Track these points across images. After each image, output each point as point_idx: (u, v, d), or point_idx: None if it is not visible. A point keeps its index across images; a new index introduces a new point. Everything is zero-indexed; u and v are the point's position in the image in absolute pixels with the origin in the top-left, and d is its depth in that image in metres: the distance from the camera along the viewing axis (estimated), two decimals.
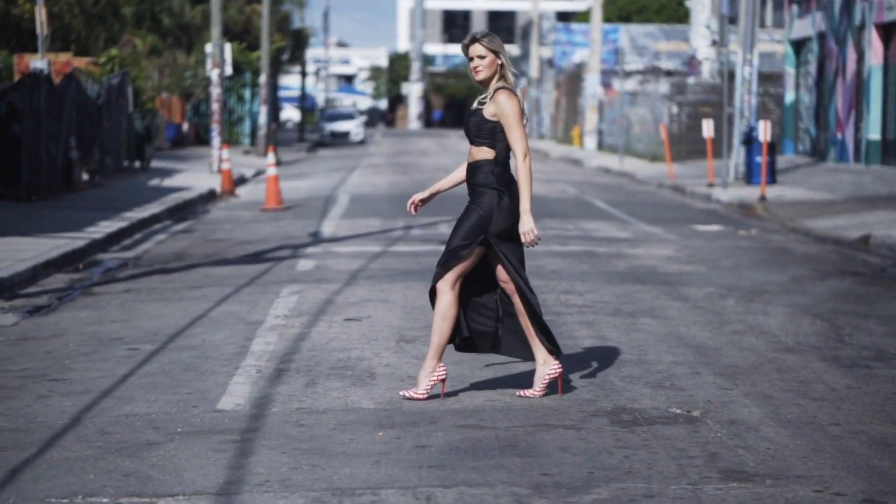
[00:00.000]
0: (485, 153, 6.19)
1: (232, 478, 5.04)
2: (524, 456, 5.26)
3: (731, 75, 23.85)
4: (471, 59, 6.24)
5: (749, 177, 23.00)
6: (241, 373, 7.01)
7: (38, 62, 23.97)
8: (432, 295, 6.29)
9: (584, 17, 64.18)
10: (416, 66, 77.10)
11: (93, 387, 6.73)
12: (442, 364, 6.33)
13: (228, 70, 27.10)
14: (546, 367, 6.28)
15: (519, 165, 6.14)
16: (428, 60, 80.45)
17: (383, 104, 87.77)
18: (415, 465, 5.17)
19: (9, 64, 28.60)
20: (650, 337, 8.00)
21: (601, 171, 31.43)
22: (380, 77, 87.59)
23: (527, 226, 6.12)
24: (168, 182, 23.21)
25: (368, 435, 5.66)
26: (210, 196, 21.12)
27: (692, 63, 33.70)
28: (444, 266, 6.22)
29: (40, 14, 24.65)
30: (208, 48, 27.07)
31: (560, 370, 6.29)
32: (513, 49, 71.58)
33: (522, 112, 6.20)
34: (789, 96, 31.99)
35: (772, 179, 22.47)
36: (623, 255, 12.65)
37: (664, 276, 11.09)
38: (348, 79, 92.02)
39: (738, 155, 24.00)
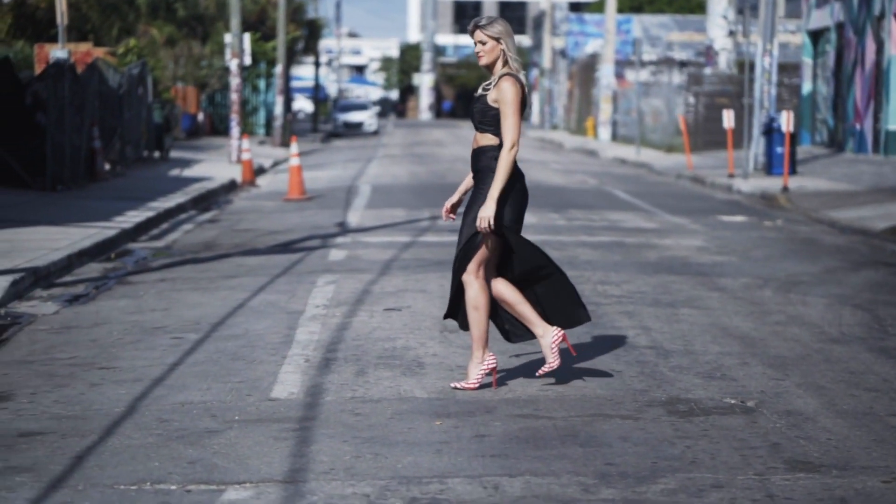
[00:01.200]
0: (489, 139, 6.17)
1: (296, 466, 5.06)
2: (585, 446, 5.28)
3: (751, 66, 23.81)
4: (476, 45, 6.26)
5: (769, 167, 22.95)
6: (289, 362, 7.03)
7: (58, 52, 24.02)
8: (457, 294, 6.24)
9: (595, 7, 64.05)
10: (427, 57, 77.04)
11: (143, 375, 6.76)
12: (491, 353, 6.34)
13: (248, 60, 27.12)
14: (548, 336, 6.22)
15: (503, 153, 6.08)
16: (439, 51, 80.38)
17: (394, 95, 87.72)
18: (477, 454, 5.19)
19: (27, 54, 28.64)
20: (693, 327, 8.00)
21: (617, 161, 31.40)
22: (391, 67, 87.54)
23: (487, 212, 6.06)
24: (188, 172, 23.24)
25: (426, 424, 5.68)
26: (231, 186, 21.15)
27: (709, 53, 33.59)
28: (463, 259, 6.20)
29: (60, 4, 24.68)
30: (227, 38, 27.10)
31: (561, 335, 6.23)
32: (524, 39, 71.48)
33: (524, 102, 6.14)
34: (806, 87, 31.91)
35: (792, 170, 22.43)
36: (653, 246, 12.65)
37: (697, 266, 11.09)
38: (359, 69, 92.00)
39: (757, 145, 23.96)
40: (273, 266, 11.12)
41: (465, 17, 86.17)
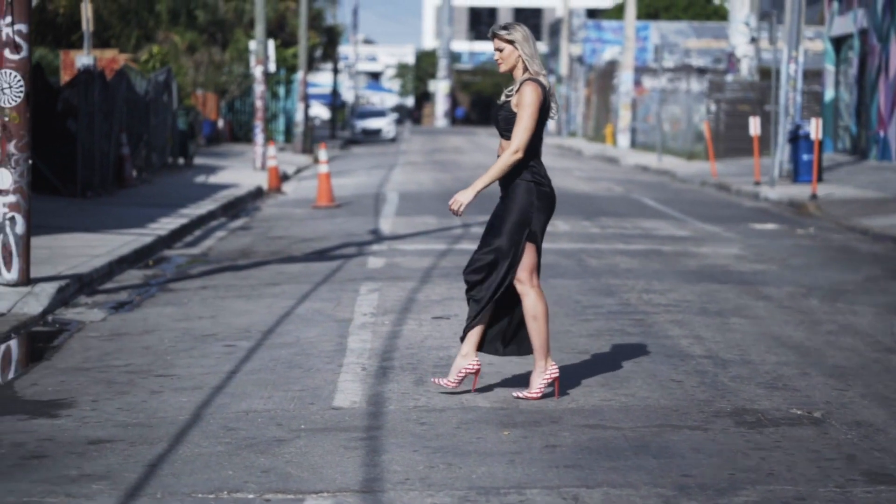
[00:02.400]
0: None
1: (371, 475, 5.05)
2: (658, 457, 5.26)
3: (768, 72, 23.75)
4: (495, 52, 6.25)
5: (795, 175, 22.89)
6: (346, 370, 7.03)
7: (84, 58, 24.10)
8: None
9: (611, 14, 64.04)
10: (443, 64, 77.10)
11: (202, 383, 6.76)
12: (553, 363, 6.33)
13: (272, 67, 27.17)
14: (465, 360, 6.22)
15: (506, 153, 6.03)
16: (454, 58, 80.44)
17: (410, 101, 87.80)
18: (550, 464, 5.17)
19: (50, 60, 28.72)
20: (746, 337, 7.98)
21: (639, 168, 31.35)
22: (406, 74, 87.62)
23: (464, 197, 6.06)
24: (214, 179, 23.28)
25: (494, 434, 5.67)
26: (258, 193, 21.17)
27: (731, 60, 33.54)
28: (506, 272, 6.09)
29: (86, 10, 24.77)
30: (252, 45, 27.15)
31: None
32: (541, 46, 71.46)
33: (546, 108, 6.06)
34: (829, 93, 31.83)
35: (819, 177, 22.36)
36: (691, 254, 12.62)
37: (739, 275, 11.06)
38: (375, 76, 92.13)
39: (782, 153, 23.91)
40: (313, 274, 11.12)
41: (480, 24, 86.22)
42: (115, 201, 17.46)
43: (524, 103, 6.00)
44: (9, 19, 9.36)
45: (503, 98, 6.17)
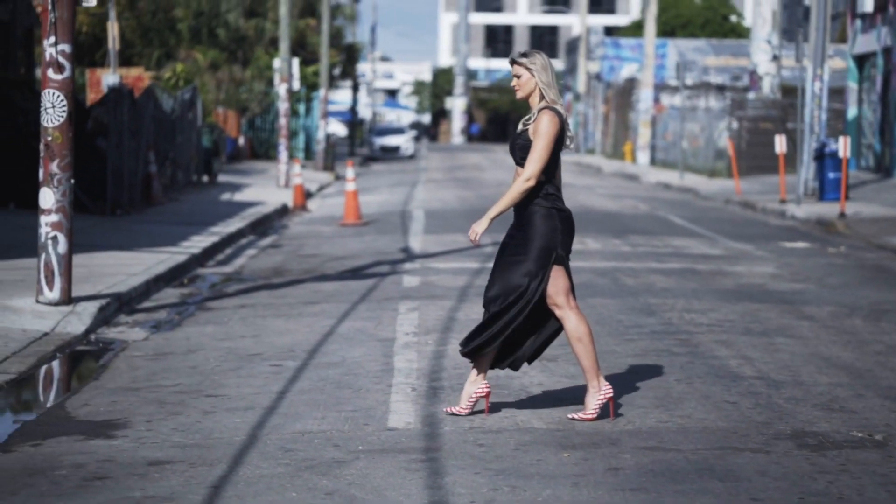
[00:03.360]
0: None
1: (435, 498, 5.02)
2: (724, 480, 5.22)
3: (789, 90, 23.70)
4: (513, 78, 6.29)
5: (821, 192, 22.82)
6: (396, 391, 7.01)
7: (110, 77, 24.23)
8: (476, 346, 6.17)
9: (626, 31, 64.07)
10: (459, 81, 77.24)
11: (254, 403, 6.75)
12: (607, 383, 6.30)
13: (296, 85, 27.23)
14: (474, 385, 6.22)
15: (518, 181, 6.05)
16: (471, 75, 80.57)
17: (426, 118, 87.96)
18: (615, 487, 5.14)
19: (73, 78, 28.85)
20: (794, 357, 7.94)
21: (661, 186, 31.31)
22: (423, 91, 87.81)
23: (480, 227, 6.09)
24: (239, 196, 23.32)
25: (554, 456, 5.64)
26: (283, 211, 21.20)
27: (752, 78, 33.51)
28: (528, 300, 6.04)
29: (112, 29, 24.91)
30: (276, 63, 27.23)
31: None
32: (557, 63, 71.53)
33: (562, 137, 6.08)
34: (851, 111, 31.76)
35: (846, 195, 22.27)
36: (726, 273, 12.57)
37: (777, 294, 11.01)
38: (391, 93, 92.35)
39: (807, 171, 23.84)
40: (349, 292, 11.11)
41: (496, 42, 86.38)
42: (144, 219, 17.51)
43: (541, 132, 6.04)
44: (52, 39, 9.40)
45: (520, 127, 6.21)
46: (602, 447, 5.78)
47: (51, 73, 9.44)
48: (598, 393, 6.26)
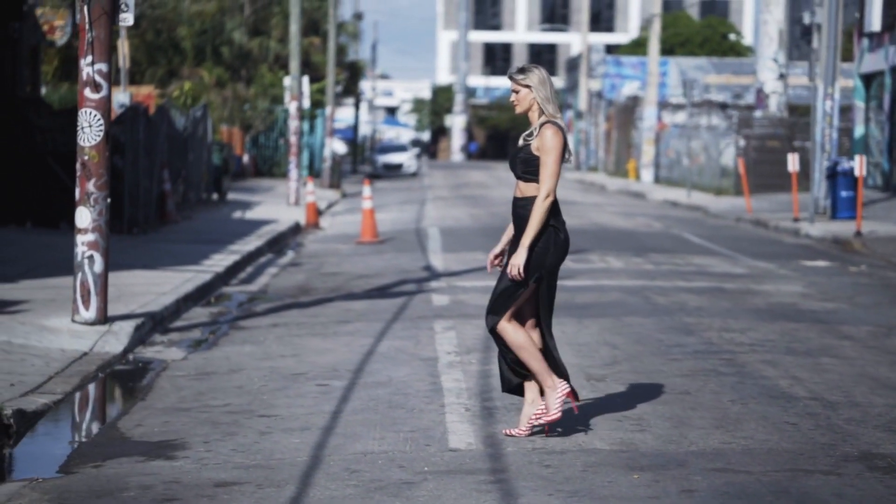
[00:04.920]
0: (535, 189, 6.11)
1: None
2: (803, 503, 5.17)
3: (796, 109, 23.76)
4: (511, 94, 6.31)
5: (833, 211, 22.83)
6: (450, 411, 6.96)
7: (121, 95, 24.20)
8: (493, 334, 6.21)
9: (626, 49, 64.23)
10: (459, 98, 77.35)
11: (309, 423, 6.70)
12: (560, 379, 6.23)
13: (306, 103, 27.23)
14: (532, 407, 6.23)
15: (539, 201, 6.05)
16: (470, 92, 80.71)
17: (425, 136, 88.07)
18: None
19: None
20: (844, 378, 7.90)
21: (668, 204, 31.31)
22: (423, 109, 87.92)
23: (519, 259, 6.05)
24: (251, 214, 23.27)
25: (624, 477, 5.59)
26: (296, 229, 21.16)
27: (759, 96, 33.56)
28: (500, 308, 6.12)
29: (122, 48, 24.92)
30: (286, 81, 27.24)
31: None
32: (557, 81, 71.69)
33: (565, 150, 6.10)
34: (859, 130, 31.81)
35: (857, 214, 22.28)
36: (755, 292, 12.54)
37: (811, 313, 10.98)
38: (391, 111, 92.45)
39: (819, 189, 23.86)
40: (380, 311, 11.07)
41: (495, 59, 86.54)
42: (161, 238, 17.45)
43: (547, 147, 6.04)
44: (90, 58, 9.37)
45: (521, 141, 6.21)
46: (671, 468, 5.73)
47: (88, 92, 9.41)
48: (556, 391, 6.22)
